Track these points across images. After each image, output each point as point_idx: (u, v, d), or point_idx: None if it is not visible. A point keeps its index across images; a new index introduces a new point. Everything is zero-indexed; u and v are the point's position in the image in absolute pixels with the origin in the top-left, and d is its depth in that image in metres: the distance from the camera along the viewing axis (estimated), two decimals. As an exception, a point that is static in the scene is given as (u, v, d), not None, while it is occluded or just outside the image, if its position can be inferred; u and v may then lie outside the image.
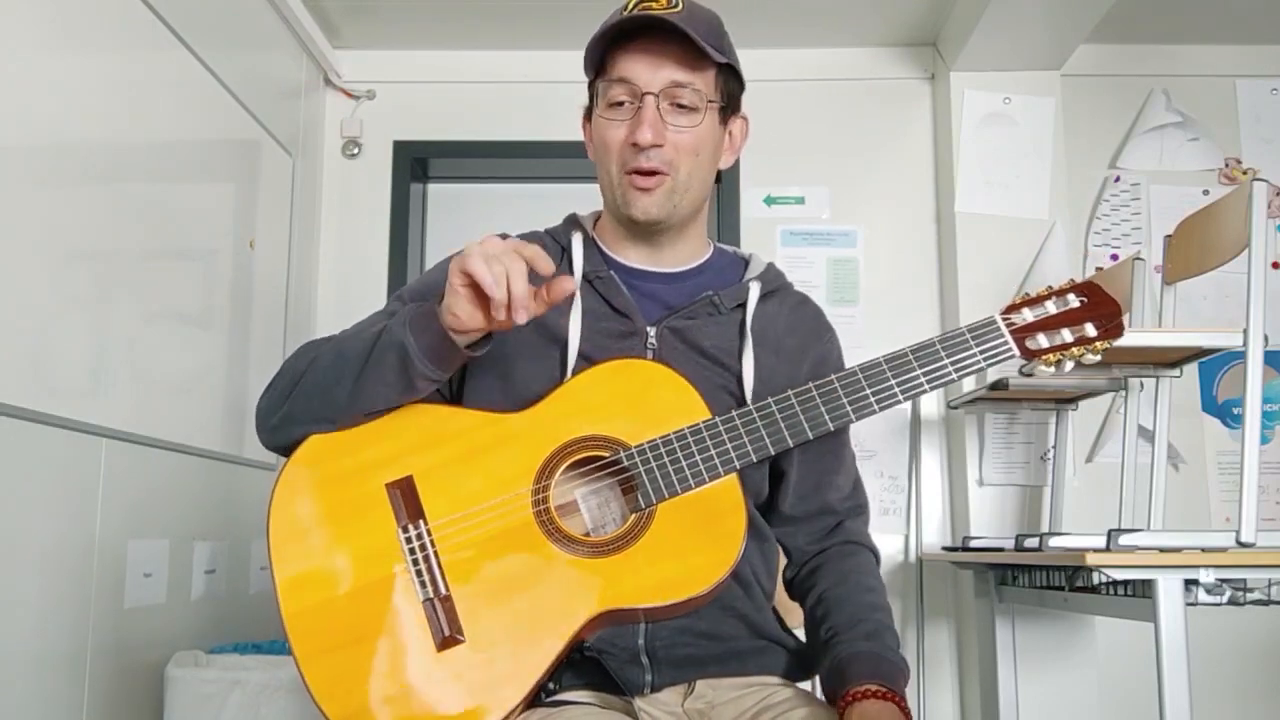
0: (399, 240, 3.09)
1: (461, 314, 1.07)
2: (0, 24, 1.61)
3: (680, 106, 1.23)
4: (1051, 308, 1.17)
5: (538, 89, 3.12)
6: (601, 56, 1.24)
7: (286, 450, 1.19)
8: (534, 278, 1.07)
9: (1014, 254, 2.86)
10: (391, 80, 3.14)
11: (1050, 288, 1.18)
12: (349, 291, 3.04)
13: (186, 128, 2.24)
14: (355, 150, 3.13)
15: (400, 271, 3.06)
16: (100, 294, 1.89)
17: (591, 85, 1.30)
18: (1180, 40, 3.09)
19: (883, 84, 3.13)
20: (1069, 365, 1.16)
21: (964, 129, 2.94)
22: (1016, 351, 1.16)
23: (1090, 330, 1.15)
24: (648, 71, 1.21)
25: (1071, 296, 1.17)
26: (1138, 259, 2.35)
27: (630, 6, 1.22)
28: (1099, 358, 1.17)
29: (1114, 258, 3.00)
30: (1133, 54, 3.11)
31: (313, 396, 1.16)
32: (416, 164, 3.16)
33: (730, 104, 1.29)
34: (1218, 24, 3.01)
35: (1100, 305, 1.16)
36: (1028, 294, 1.19)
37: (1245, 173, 3.07)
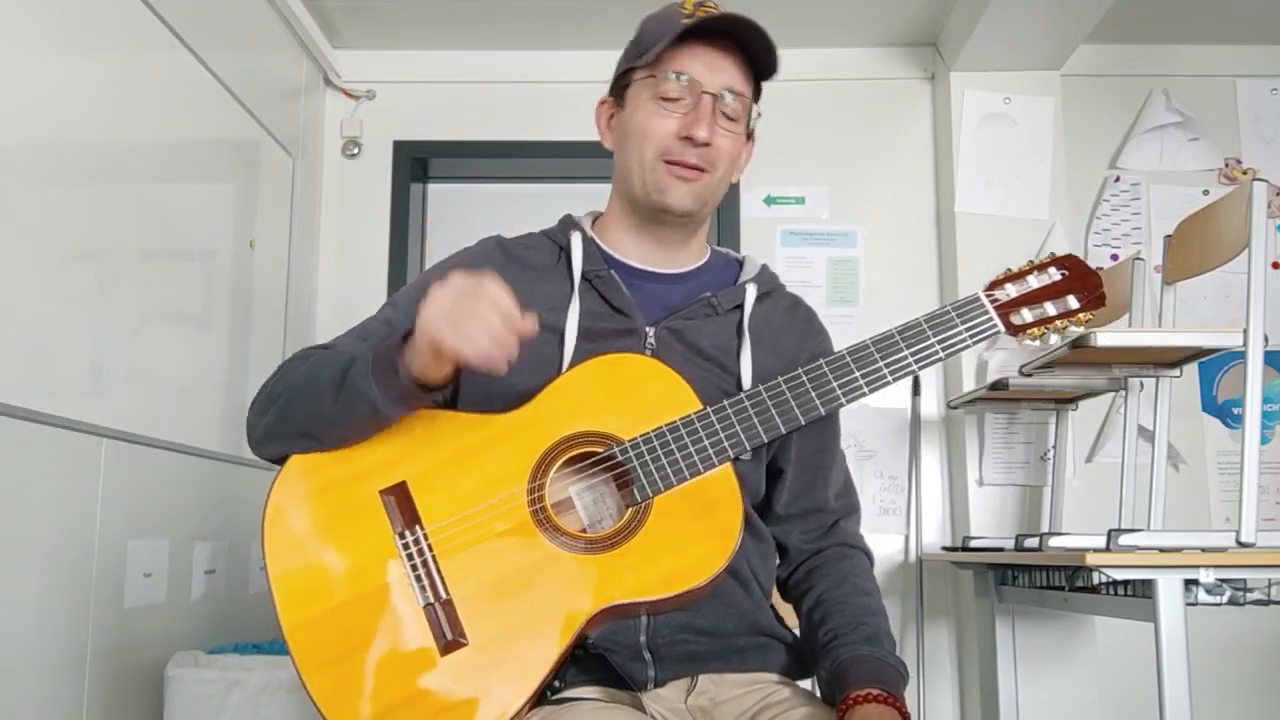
0: (399, 240, 3.09)
1: (435, 374, 1.09)
2: (0, 24, 1.61)
3: (728, 112, 1.25)
4: (1034, 282, 1.18)
5: (538, 89, 3.12)
6: (658, 50, 1.24)
7: (275, 461, 1.21)
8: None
9: (1014, 254, 2.82)
10: (391, 80, 3.14)
11: (1031, 261, 1.20)
12: (349, 291, 3.04)
13: (186, 128, 2.24)
14: (355, 150, 3.13)
15: (400, 272, 3.06)
16: (100, 294, 1.89)
17: (628, 72, 1.29)
18: (1180, 40, 3.09)
19: (883, 84, 3.13)
20: (1054, 338, 1.17)
21: (964, 129, 2.94)
22: (1001, 327, 1.17)
23: (1073, 302, 1.17)
24: (709, 72, 1.24)
25: (1053, 270, 1.18)
26: (1138, 259, 2.35)
27: (691, 8, 1.23)
28: (1082, 329, 1.18)
29: (1114, 258, 3.00)
30: (1133, 54, 3.11)
31: (291, 425, 1.17)
32: (416, 164, 3.16)
33: (752, 123, 1.31)
34: (1218, 24, 3.00)
35: (1081, 277, 1.18)
36: (1010, 269, 1.20)
37: (1245, 173, 3.07)
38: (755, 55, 1.26)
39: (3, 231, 1.61)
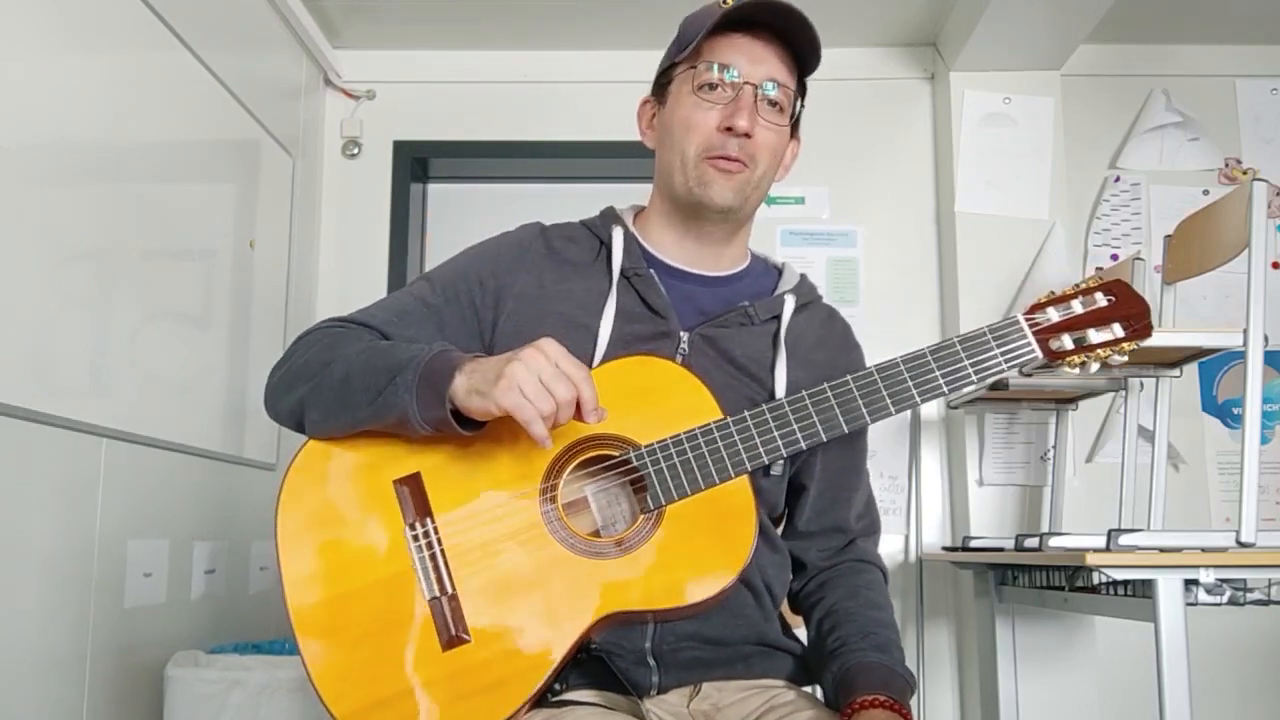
0: (399, 240, 3.09)
1: (479, 410, 1.06)
2: (0, 24, 1.61)
3: (772, 104, 1.23)
4: (1078, 307, 1.14)
5: (538, 89, 3.12)
6: (698, 40, 1.22)
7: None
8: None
9: (1014, 254, 2.86)
10: (391, 80, 3.14)
11: (1077, 285, 1.15)
12: (349, 291, 3.04)
13: (186, 128, 2.24)
14: (355, 150, 3.12)
15: (400, 271, 3.06)
16: (100, 294, 1.89)
17: (669, 70, 1.28)
18: (1180, 40, 3.09)
19: (883, 84, 3.13)
20: (1094, 366, 1.13)
21: (964, 129, 2.94)
22: (1039, 354, 1.13)
23: (1118, 330, 1.13)
24: (749, 63, 1.22)
25: (1099, 295, 1.14)
26: (1138, 259, 2.35)
27: (731, 2, 1.21)
28: (1125, 358, 1.13)
29: (1114, 258, 3.00)
30: (1133, 54, 3.11)
31: (317, 409, 1.16)
32: (416, 164, 3.15)
33: (796, 122, 1.29)
34: (1218, 24, 3.00)
35: (1128, 304, 1.13)
36: (1053, 292, 1.15)
37: (1245, 173, 3.07)
38: (798, 46, 1.24)
39: (3, 231, 1.61)
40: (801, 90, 1.28)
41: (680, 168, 1.24)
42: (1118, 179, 3.07)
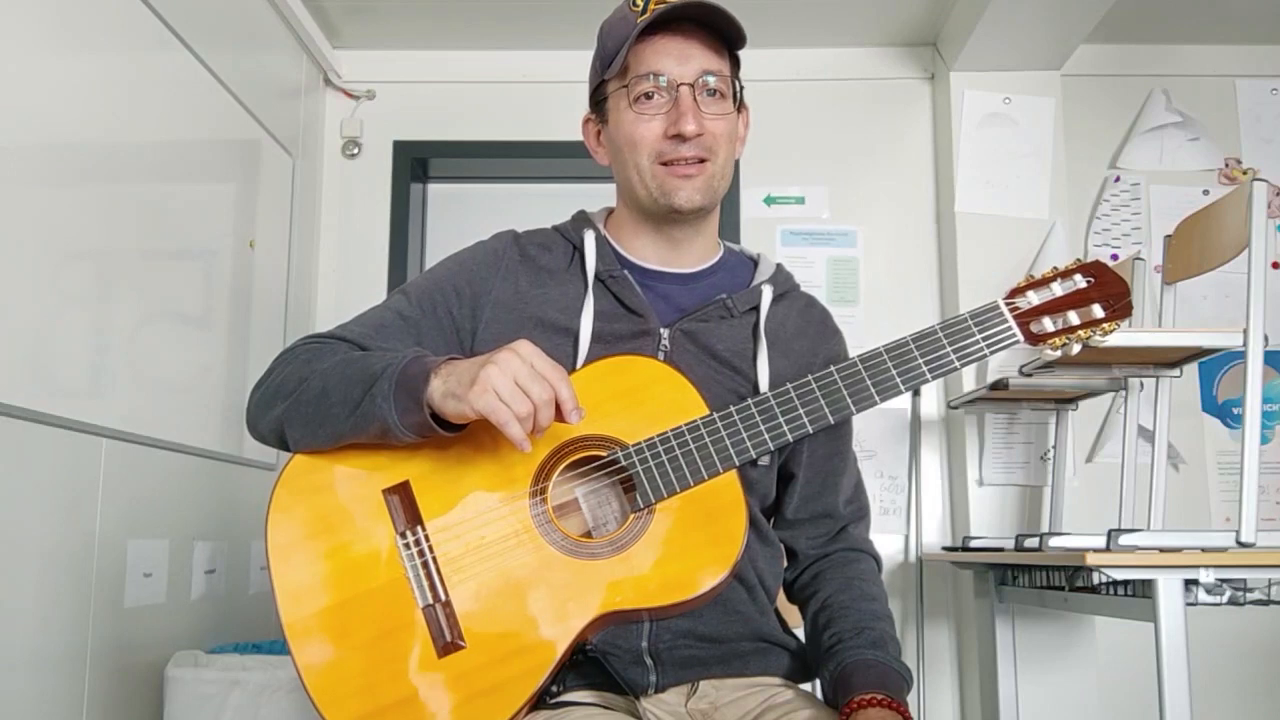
0: (399, 240, 3.09)
1: (454, 414, 1.06)
2: (0, 24, 1.61)
3: (712, 94, 1.23)
4: (1057, 289, 1.14)
5: (538, 89, 3.12)
6: (623, 56, 1.23)
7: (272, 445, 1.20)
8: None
9: (1014, 254, 2.86)
10: (391, 80, 3.14)
11: (1055, 268, 1.16)
12: (349, 291, 3.04)
13: (186, 128, 2.24)
14: (355, 150, 3.13)
15: (400, 271, 3.06)
16: (100, 294, 1.89)
17: (601, 86, 1.29)
18: (1180, 40, 3.09)
19: (883, 84, 3.13)
20: (1076, 348, 1.13)
21: (964, 129, 2.94)
22: (1020, 336, 1.13)
23: (1098, 311, 1.13)
24: (678, 63, 1.22)
25: (1078, 277, 1.14)
26: (1138, 259, 2.35)
27: (643, 8, 1.21)
28: (1107, 339, 1.14)
29: (1114, 258, 3.00)
30: (1133, 54, 3.11)
31: (297, 425, 1.15)
32: (416, 164, 3.16)
33: (739, 94, 1.29)
34: (1218, 24, 3.00)
35: (1108, 285, 1.13)
36: (1032, 276, 1.16)
37: (1245, 173, 3.07)
38: (720, 29, 1.24)
39: (3, 231, 1.61)
40: (736, 64, 1.28)
41: (640, 181, 1.24)
42: (1118, 179, 3.07)
